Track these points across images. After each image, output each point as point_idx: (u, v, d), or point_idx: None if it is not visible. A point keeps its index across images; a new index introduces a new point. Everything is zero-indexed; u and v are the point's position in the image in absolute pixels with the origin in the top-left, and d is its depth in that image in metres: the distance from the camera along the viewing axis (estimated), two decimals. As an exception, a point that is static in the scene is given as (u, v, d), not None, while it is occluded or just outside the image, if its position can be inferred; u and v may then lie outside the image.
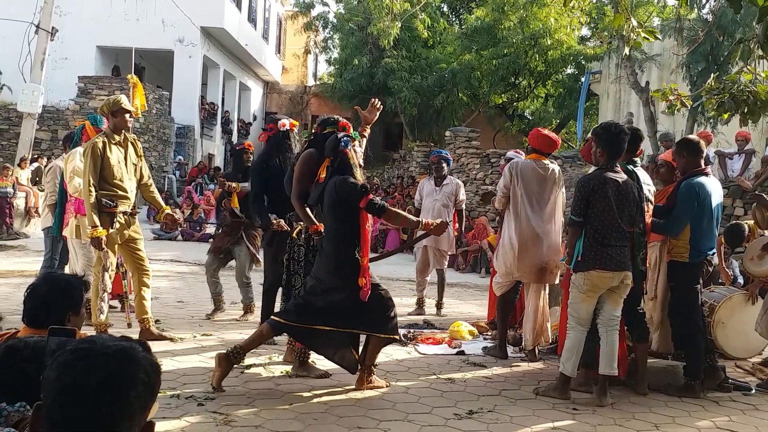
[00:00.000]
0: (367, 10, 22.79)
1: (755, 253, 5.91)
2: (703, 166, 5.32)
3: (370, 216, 4.74)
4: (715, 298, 6.49)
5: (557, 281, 5.99)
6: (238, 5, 24.42)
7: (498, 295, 6.14)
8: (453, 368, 5.66)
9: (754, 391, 5.36)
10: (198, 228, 15.93)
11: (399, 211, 5.02)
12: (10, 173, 13.99)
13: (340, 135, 4.80)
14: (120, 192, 5.78)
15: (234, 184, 6.85)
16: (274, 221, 5.66)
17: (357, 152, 4.92)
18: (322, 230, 4.93)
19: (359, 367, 4.86)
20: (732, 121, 9.51)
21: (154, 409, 2.28)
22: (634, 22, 6.27)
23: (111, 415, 1.30)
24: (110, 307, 7.42)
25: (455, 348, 6.27)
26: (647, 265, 5.26)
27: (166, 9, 20.64)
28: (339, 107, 25.70)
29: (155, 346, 5.39)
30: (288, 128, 6.00)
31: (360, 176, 4.81)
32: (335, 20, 25.66)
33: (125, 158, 5.87)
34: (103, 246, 5.65)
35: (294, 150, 5.85)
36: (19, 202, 14.19)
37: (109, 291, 5.88)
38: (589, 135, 5.31)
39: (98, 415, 1.29)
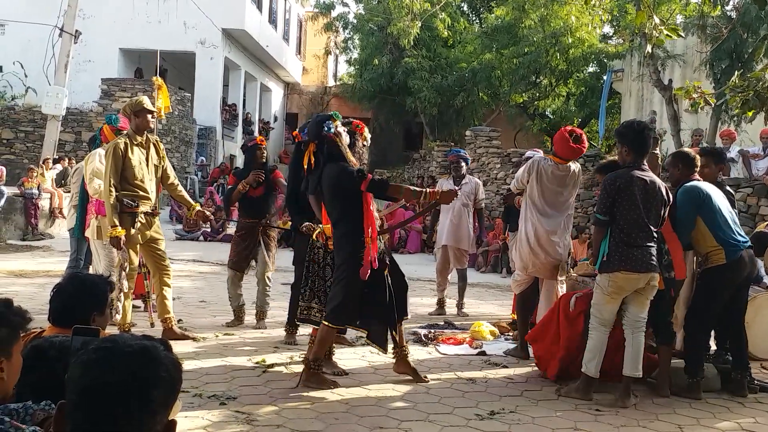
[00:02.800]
0: (386, 10, 22.78)
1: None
2: (694, 177, 5.26)
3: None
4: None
5: (563, 278, 5.91)
6: (259, 7, 24.53)
7: (517, 294, 6.12)
8: (474, 368, 5.64)
9: (780, 392, 5.28)
10: (220, 229, 16.01)
11: (401, 184, 4.98)
12: (35, 175, 14.17)
13: (323, 118, 4.80)
14: (141, 192, 5.82)
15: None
16: (306, 225, 5.43)
17: (342, 135, 4.85)
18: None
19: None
20: (757, 120, 9.39)
21: (177, 408, 2.30)
22: (657, 20, 6.21)
23: (133, 413, 1.31)
24: (133, 307, 7.52)
25: (476, 348, 6.25)
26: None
27: (188, 11, 20.80)
28: (359, 107, 25.76)
29: (177, 346, 5.45)
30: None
31: (352, 158, 4.82)
32: (355, 21, 25.68)
33: (147, 159, 5.91)
34: (122, 246, 5.70)
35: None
36: (44, 203, 14.37)
37: (125, 290, 5.89)
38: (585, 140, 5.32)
39: (120, 414, 1.30)
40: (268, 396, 4.61)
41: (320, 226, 5.21)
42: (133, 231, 5.77)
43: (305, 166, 4.85)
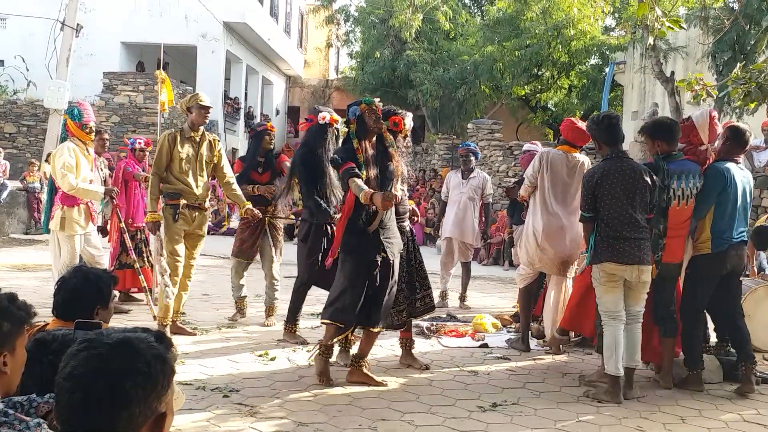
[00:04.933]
0: (388, 3, 22.73)
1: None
2: (737, 158, 5.18)
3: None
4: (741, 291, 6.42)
5: (573, 275, 5.89)
6: (260, 0, 24.50)
7: (521, 288, 6.11)
8: (476, 361, 5.66)
9: (782, 384, 5.29)
10: (223, 223, 16.02)
11: (354, 179, 4.53)
12: (36, 169, 14.18)
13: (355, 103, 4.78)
14: (183, 186, 5.78)
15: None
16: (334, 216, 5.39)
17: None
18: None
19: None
20: (759, 111, 9.37)
21: (180, 401, 2.32)
22: (659, 12, 6.19)
23: (106, 403, 1.32)
24: (135, 300, 7.55)
25: (478, 341, 6.27)
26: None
27: (189, 4, 20.76)
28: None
29: (181, 339, 5.48)
30: (327, 122, 5.74)
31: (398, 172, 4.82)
32: (357, 13, 25.64)
33: (197, 154, 5.88)
34: (158, 231, 5.73)
35: (329, 147, 5.64)
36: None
37: (168, 271, 5.75)
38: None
39: (94, 404, 1.32)
40: (271, 388, 4.63)
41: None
42: (176, 223, 5.74)
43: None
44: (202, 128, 5.94)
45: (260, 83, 27.31)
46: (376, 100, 4.83)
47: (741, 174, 5.11)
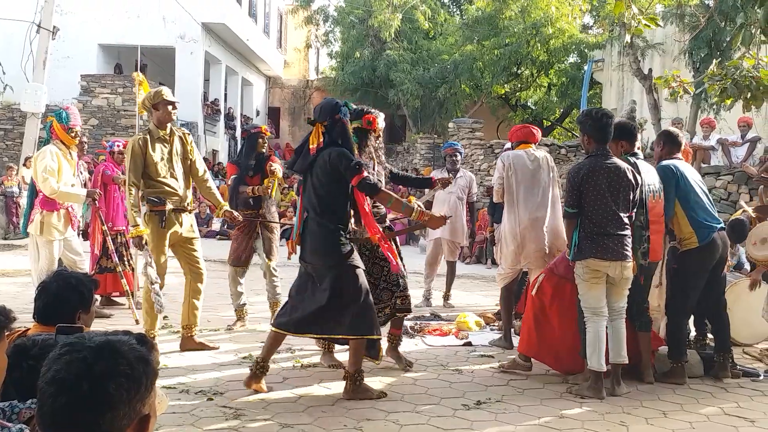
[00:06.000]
0: (367, 3, 22.76)
1: (758, 238, 5.91)
2: (677, 155, 5.35)
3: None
4: (721, 285, 6.50)
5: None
6: (239, 0, 24.39)
7: (501, 287, 6.14)
8: (460, 359, 5.68)
9: (762, 376, 5.36)
10: (204, 225, 15.95)
11: (393, 194, 4.59)
12: (14, 173, 14.03)
13: (341, 102, 4.60)
14: (167, 188, 5.44)
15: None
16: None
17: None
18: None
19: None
20: (735, 107, 9.48)
21: (164, 404, 2.30)
22: (635, 10, 6.25)
23: (89, 406, 1.32)
24: (117, 304, 7.49)
25: (462, 339, 6.29)
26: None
27: (167, 5, 20.60)
28: (341, 100, 25.67)
29: (164, 345, 5.43)
30: None
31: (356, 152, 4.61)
32: (336, 13, 25.63)
33: (171, 153, 5.55)
34: (143, 245, 5.35)
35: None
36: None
37: (158, 282, 5.44)
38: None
39: (77, 407, 1.31)
40: (255, 390, 4.60)
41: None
42: (163, 230, 5.40)
43: (311, 146, 4.49)
44: (169, 125, 5.60)
45: (240, 84, 27.21)
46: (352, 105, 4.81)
47: (687, 167, 5.34)
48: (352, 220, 4.63)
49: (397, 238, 5.44)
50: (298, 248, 4.61)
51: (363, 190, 4.41)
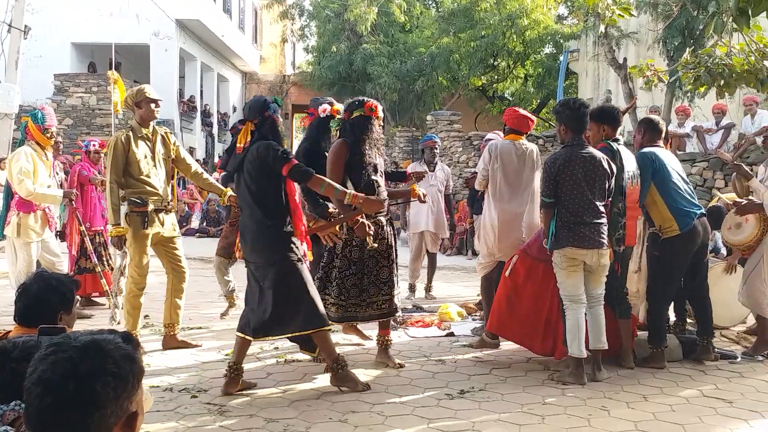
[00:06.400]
0: (343, -4, 22.71)
1: (732, 223, 6.00)
2: (658, 143, 5.43)
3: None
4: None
5: None
6: (213, -4, 24.26)
7: (481, 276, 6.17)
8: (443, 350, 5.72)
9: (739, 359, 5.47)
10: (183, 223, 15.85)
11: (324, 178, 4.52)
12: (-11, 175, 13.85)
13: (270, 99, 4.58)
14: (148, 188, 5.39)
15: None
16: (331, 210, 5.01)
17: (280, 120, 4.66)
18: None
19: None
20: (709, 95, 9.61)
21: (149, 402, 2.31)
22: (609, 0, 6.30)
23: (77, 406, 1.33)
24: (97, 304, 7.44)
25: (445, 330, 6.33)
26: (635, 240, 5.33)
27: (140, 3, 20.44)
28: (319, 95, 25.57)
29: (150, 344, 5.42)
30: (329, 114, 5.43)
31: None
32: (311, 8, 25.53)
33: (153, 152, 5.51)
34: (123, 246, 5.32)
35: (332, 140, 5.40)
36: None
37: (123, 292, 5.50)
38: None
39: (64, 406, 1.33)
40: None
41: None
42: (146, 230, 5.35)
43: (238, 146, 4.49)
44: (152, 124, 5.58)
45: (216, 80, 27.06)
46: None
47: (667, 155, 5.40)
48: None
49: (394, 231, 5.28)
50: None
51: (294, 178, 4.38)
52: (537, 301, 5.22)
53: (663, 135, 5.53)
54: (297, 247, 4.45)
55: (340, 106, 5.34)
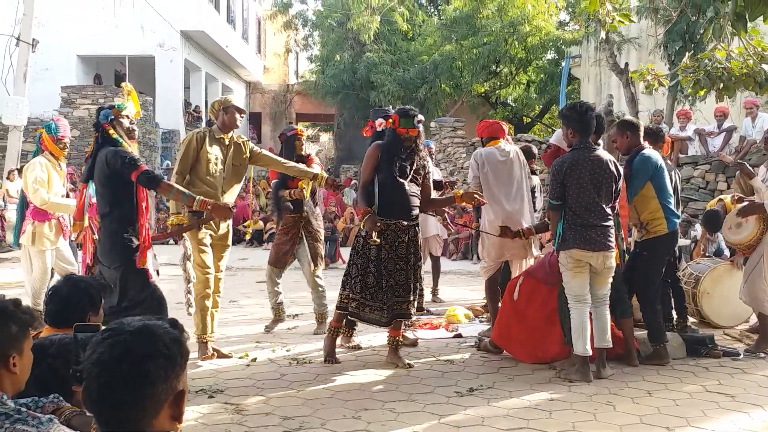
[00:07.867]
0: (345, 6, 22.88)
1: (733, 223, 6.12)
2: (642, 143, 5.56)
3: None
4: (701, 270, 6.72)
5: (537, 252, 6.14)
6: (217, 7, 24.45)
7: (485, 279, 6.27)
8: (451, 350, 5.84)
9: (742, 356, 5.58)
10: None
11: (173, 184, 4.66)
12: (-1, 186, 14.03)
13: (106, 106, 4.76)
14: (209, 189, 5.26)
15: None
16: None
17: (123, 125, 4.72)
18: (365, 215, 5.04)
19: None
20: (710, 98, 9.73)
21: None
22: (609, 6, 6.43)
23: (131, 384, 1.47)
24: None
25: (452, 332, 6.45)
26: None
27: (145, 15, 20.64)
28: (323, 104, 25.82)
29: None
30: (386, 127, 5.47)
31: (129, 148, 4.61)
32: (314, 17, 25.73)
33: (225, 158, 5.45)
34: (182, 237, 5.33)
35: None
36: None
37: (194, 279, 5.37)
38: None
39: (120, 386, 1.47)
40: (254, 387, 4.75)
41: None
42: (199, 232, 5.31)
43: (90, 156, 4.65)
44: (231, 132, 5.55)
45: (220, 90, 27.21)
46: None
47: (661, 159, 5.59)
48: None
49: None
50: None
51: (143, 184, 4.51)
52: (535, 319, 5.36)
53: (642, 133, 5.65)
54: (138, 254, 4.52)
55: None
